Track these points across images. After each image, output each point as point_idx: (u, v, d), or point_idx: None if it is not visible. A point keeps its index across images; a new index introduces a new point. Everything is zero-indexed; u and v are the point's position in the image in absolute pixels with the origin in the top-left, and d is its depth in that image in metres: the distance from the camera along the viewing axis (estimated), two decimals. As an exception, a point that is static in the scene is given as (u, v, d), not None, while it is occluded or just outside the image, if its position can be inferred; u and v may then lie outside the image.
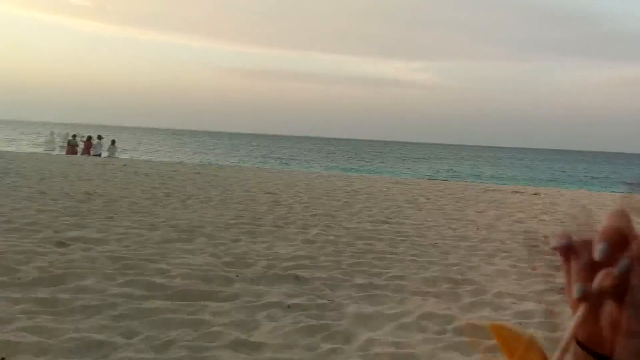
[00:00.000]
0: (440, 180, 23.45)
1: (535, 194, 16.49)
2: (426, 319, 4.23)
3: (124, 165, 17.99)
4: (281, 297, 4.56)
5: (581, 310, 0.67)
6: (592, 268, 0.66)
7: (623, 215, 0.69)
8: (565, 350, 0.66)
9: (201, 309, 4.21)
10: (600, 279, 0.64)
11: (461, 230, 8.46)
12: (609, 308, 0.71)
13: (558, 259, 0.73)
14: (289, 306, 4.36)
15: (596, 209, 11.15)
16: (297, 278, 5.15)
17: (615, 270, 0.63)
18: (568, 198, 15.39)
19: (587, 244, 0.68)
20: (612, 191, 21.32)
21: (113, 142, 26.09)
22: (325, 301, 4.54)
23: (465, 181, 24.09)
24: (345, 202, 11.47)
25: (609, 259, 0.65)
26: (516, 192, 16.89)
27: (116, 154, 25.65)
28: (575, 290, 0.66)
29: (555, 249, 0.71)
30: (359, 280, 5.24)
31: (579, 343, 0.77)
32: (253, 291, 4.73)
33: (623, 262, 0.63)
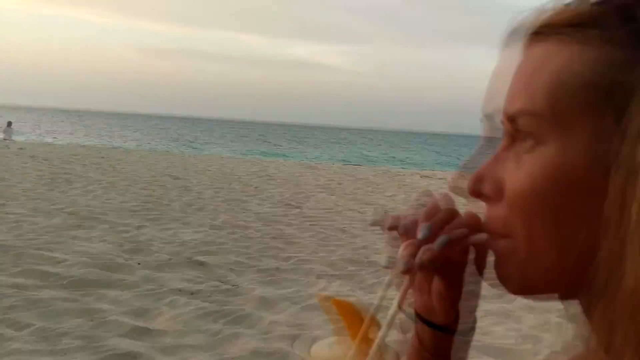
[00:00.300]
0: (353, 165, 23.91)
1: (441, 178, 17.22)
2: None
3: (21, 148, 16.85)
4: (184, 284, 4.48)
5: (405, 282, 0.72)
6: (419, 244, 0.71)
7: (447, 196, 0.74)
8: (392, 318, 0.71)
9: (99, 298, 4.06)
10: (421, 254, 0.69)
11: (370, 215, 8.68)
12: (436, 280, 0.76)
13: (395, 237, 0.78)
14: (192, 293, 4.30)
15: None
16: (202, 264, 5.08)
17: (434, 246, 0.68)
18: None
19: (415, 224, 0.73)
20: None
21: (9, 123, 24.39)
22: (229, 287, 4.52)
23: (377, 166, 24.72)
24: (257, 187, 11.42)
25: (434, 236, 0.70)
26: (425, 176, 17.55)
27: (13, 137, 24.00)
28: (400, 264, 0.70)
29: (388, 228, 0.76)
30: (266, 265, 5.26)
31: (417, 314, 0.83)
32: (155, 279, 4.61)
33: (441, 239, 0.68)
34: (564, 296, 0.66)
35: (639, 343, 0.52)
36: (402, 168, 24.87)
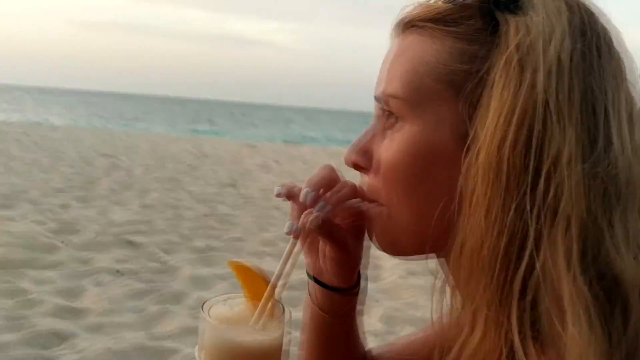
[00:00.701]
0: (293, 144, 23.93)
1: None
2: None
3: None
4: (111, 263, 4.40)
5: (291, 244, 0.79)
6: (304, 209, 0.78)
7: (330, 167, 0.82)
8: (277, 277, 0.77)
9: (20, 277, 3.93)
10: (302, 218, 0.76)
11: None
12: (323, 243, 0.83)
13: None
14: (118, 271, 4.23)
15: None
16: (131, 243, 4.99)
17: (314, 211, 0.75)
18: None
19: (300, 191, 0.80)
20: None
21: None
22: (158, 265, 4.47)
23: (317, 145, 24.86)
24: (191, 165, 11.25)
25: (316, 203, 0.77)
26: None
27: None
28: (286, 227, 0.77)
29: (278, 195, 0.82)
30: (197, 243, 5.23)
31: (308, 274, 0.90)
32: (80, 258, 4.50)
33: (320, 204, 0.76)
34: (434, 256, 0.73)
35: (478, 298, 0.61)
36: (341, 147, 25.13)
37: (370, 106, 0.77)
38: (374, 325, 3.56)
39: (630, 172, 0.59)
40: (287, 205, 0.82)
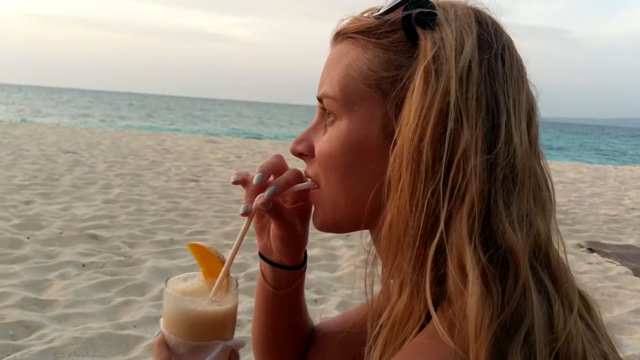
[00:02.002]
0: (253, 139, 23.95)
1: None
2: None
3: None
4: (76, 257, 4.53)
5: (245, 224, 0.94)
6: (256, 192, 0.93)
7: (280, 156, 0.97)
8: (233, 255, 0.92)
9: (-15, 273, 4.03)
10: (255, 200, 0.92)
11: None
12: (272, 224, 0.99)
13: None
14: (83, 265, 4.36)
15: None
16: (94, 237, 5.12)
17: (265, 194, 0.91)
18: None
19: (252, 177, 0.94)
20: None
21: None
22: (122, 258, 4.62)
23: (277, 140, 24.93)
24: (153, 160, 11.28)
25: (266, 187, 0.92)
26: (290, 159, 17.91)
27: None
28: (240, 209, 0.93)
29: (234, 182, 0.98)
30: (160, 237, 5.37)
31: (260, 253, 1.05)
32: (45, 252, 4.61)
33: (269, 189, 0.91)
34: (370, 231, 0.86)
35: (404, 268, 0.73)
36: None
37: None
38: (332, 312, 3.76)
39: (525, 161, 0.69)
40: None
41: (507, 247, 0.65)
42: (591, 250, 6.13)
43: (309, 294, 4.02)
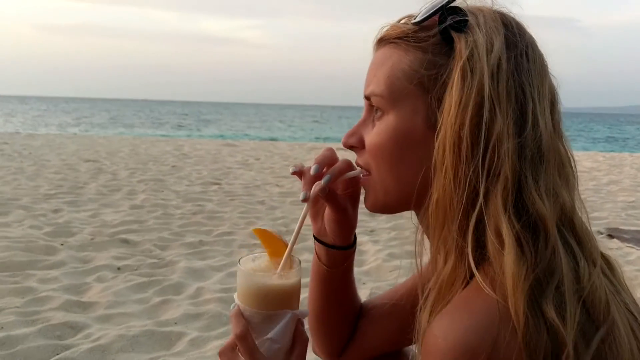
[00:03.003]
0: (270, 141, 24.08)
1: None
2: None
3: None
4: (110, 261, 4.63)
5: (305, 209, 1.07)
6: (313, 181, 1.05)
7: (331, 148, 1.10)
8: (296, 235, 1.04)
9: (26, 277, 4.14)
10: (313, 188, 1.04)
11: (287, 187, 9.00)
12: (327, 209, 1.11)
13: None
14: (118, 268, 4.47)
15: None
16: (125, 242, 5.23)
17: (321, 182, 1.03)
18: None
19: (309, 168, 1.08)
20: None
21: None
22: (155, 260, 4.72)
23: (294, 141, 25.04)
24: (174, 165, 11.42)
25: (322, 175, 1.04)
26: (339, 149, 17.98)
27: None
28: (300, 196, 1.05)
29: (293, 173, 1.10)
30: (189, 239, 5.47)
31: (314, 236, 1.17)
32: (80, 257, 4.72)
33: (325, 177, 1.03)
34: (415, 212, 0.99)
35: (450, 238, 0.84)
36: (317, 142, 25.35)
37: (338, 100, 0.95)
38: (362, 303, 3.86)
39: (550, 143, 0.82)
40: (272, 200, 1.08)
41: (537, 215, 0.77)
42: (611, 236, 6.13)
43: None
